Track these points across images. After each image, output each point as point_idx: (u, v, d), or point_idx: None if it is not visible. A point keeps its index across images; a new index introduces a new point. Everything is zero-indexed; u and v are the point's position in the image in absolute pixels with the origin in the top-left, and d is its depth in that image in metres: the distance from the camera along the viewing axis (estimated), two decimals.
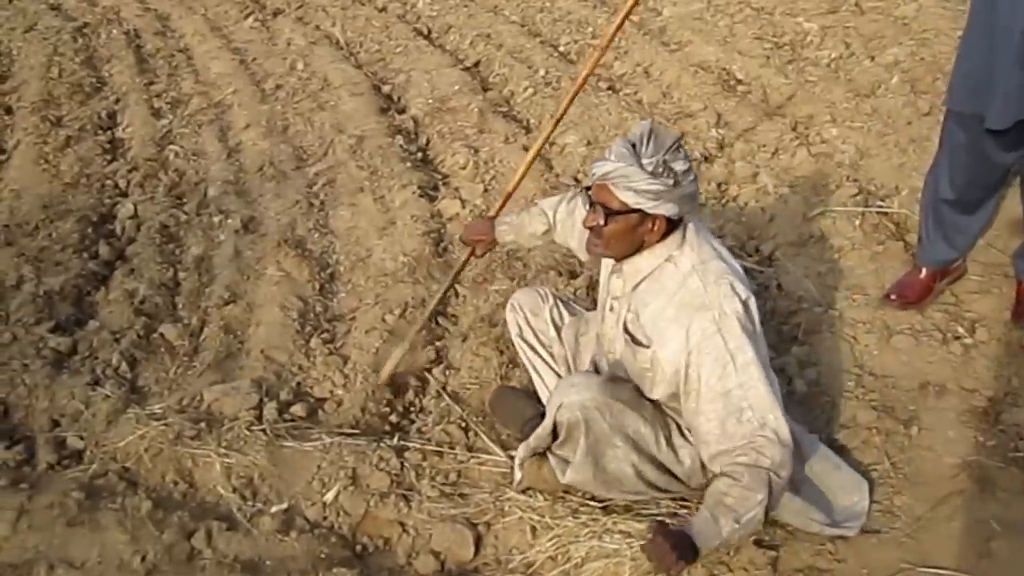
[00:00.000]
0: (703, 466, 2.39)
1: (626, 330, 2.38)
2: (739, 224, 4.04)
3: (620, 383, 2.38)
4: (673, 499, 2.55)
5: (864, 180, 4.18)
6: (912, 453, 2.72)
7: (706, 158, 4.65)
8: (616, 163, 2.18)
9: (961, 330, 3.21)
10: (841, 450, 2.78)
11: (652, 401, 2.40)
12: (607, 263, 2.51)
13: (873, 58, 5.32)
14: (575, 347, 2.77)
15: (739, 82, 5.44)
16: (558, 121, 2.88)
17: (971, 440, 2.73)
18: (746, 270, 3.63)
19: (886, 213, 3.88)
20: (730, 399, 2.18)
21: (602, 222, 2.24)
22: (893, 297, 3.33)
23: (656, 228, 2.25)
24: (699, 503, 2.54)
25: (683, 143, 2.24)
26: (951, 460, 2.67)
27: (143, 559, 2.46)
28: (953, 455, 2.69)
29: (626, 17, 2.70)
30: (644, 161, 2.16)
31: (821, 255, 3.71)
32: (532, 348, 2.81)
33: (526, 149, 4.77)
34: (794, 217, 3.98)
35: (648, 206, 2.19)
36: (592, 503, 2.53)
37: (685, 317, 2.22)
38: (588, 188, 2.34)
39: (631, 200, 2.19)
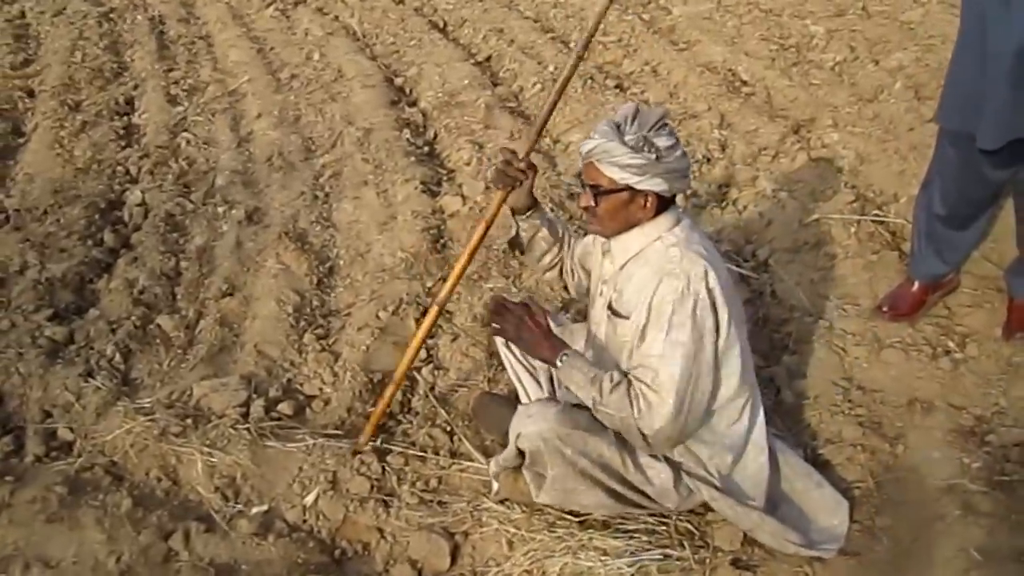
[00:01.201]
0: (675, 487, 2.26)
1: (610, 307, 2.30)
2: (736, 228, 3.87)
3: (577, 409, 2.25)
4: (652, 515, 2.41)
5: (863, 186, 4.00)
6: (896, 473, 2.56)
7: (708, 159, 4.48)
8: (598, 140, 2.13)
9: (952, 344, 3.04)
10: (825, 466, 2.63)
11: None
12: (598, 258, 2.39)
13: (877, 62, 5.10)
14: None
15: (744, 83, 5.25)
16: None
17: (956, 461, 2.56)
18: (741, 277, 3.53)
19: (883, 221, 3.70)
20: (648, 360, 2.13)
21: (592, 202, 2.18)
22: (885, 309, 3.16)
23: (648, 205, 2.17)
24: (679, 518, 2.42)
25: (668, 121, 2.17)
26: (935, 482, 2.51)
27: (118, 560, 2.35)
28: (937, 477, 2.52)
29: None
30: (626, 137, 2.10)
31: (815, 262, 3.53)
32: (516, 358, 2.67)
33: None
34: (791, 223, 3.81)
35: (634, 181, 2.12)
36: (569, 517, 2.39)
37: (656, 280, 2.15)
38: (580, 174, 2.24)
39: (617, 176, 2.12)
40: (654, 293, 2.14)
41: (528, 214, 2.50)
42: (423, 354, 3.18)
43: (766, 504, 2.35)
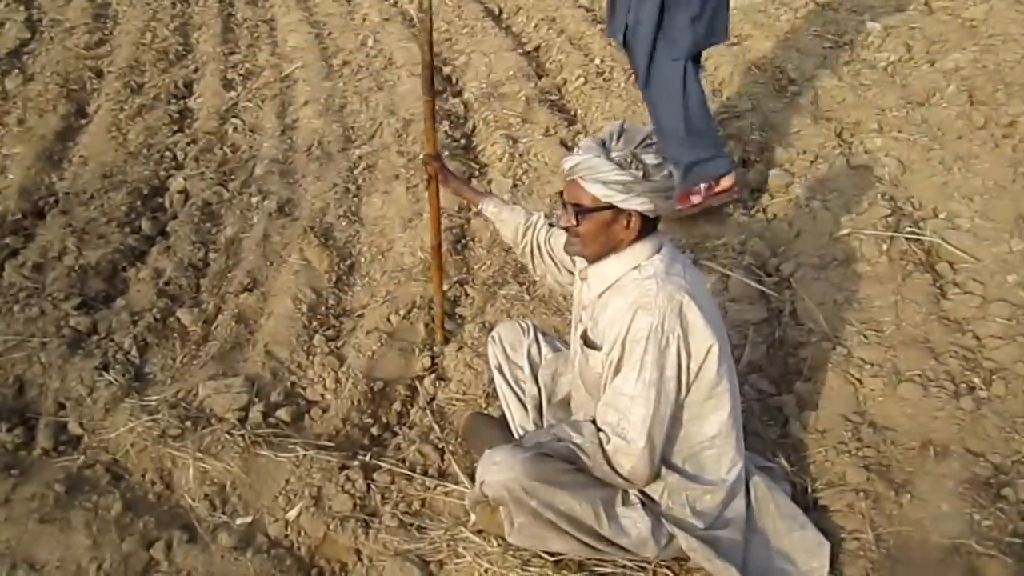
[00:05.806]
0: (653, 535, 2.05)
1: (584, 337, 2.11)
2: (763, 239, 3.57)
3: (546, 459, 2.04)
4: (630, 558, 2.20)
5: (901, 198, 3.66)
6: (899, 526, 2.29)
7: (744, 162, 4.16)
8: (583, 155, 1.94)
9: (977, 381, 2.72)
10: (823, 511, 2.38)
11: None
12: (576, 282, 2.22)
13: (933, 63, 4.67)
14: (551, 386, 2.43)
15: (791, 82, 4.86)
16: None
17: (966, 517, 2.27)
18: (762, 294, 3.24)
19: (918, 239, 3.37)
20: (619, 400, 1.98)
21: (574, 221, 2.01)
22: None
23: (631, 225, 1.99)
24: (658, 564, 2.21)
25: (654, 139, 1.96)
26: (940, 540, 2.23)
27: (99, 567, 2.27)
28: (944, 534, 2.24)
29: None
30: (613, 154, 1.91)
31: (841, 281, 3.22)
32: (507, 383, 2.48)
33: (563, 144, 4.38)
34: (820, 235, 3.49)
35: (618, 199, 1.93)
36: (544, 556, 2.19)
37: (630, 314, 1.98)
38: (561, 192, 2.06)
39: (600, 193, 1.94)
40: (628, 328, 1.96)
41: (480, 206, 2.62)
42: (427, 363, 3.02)
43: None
